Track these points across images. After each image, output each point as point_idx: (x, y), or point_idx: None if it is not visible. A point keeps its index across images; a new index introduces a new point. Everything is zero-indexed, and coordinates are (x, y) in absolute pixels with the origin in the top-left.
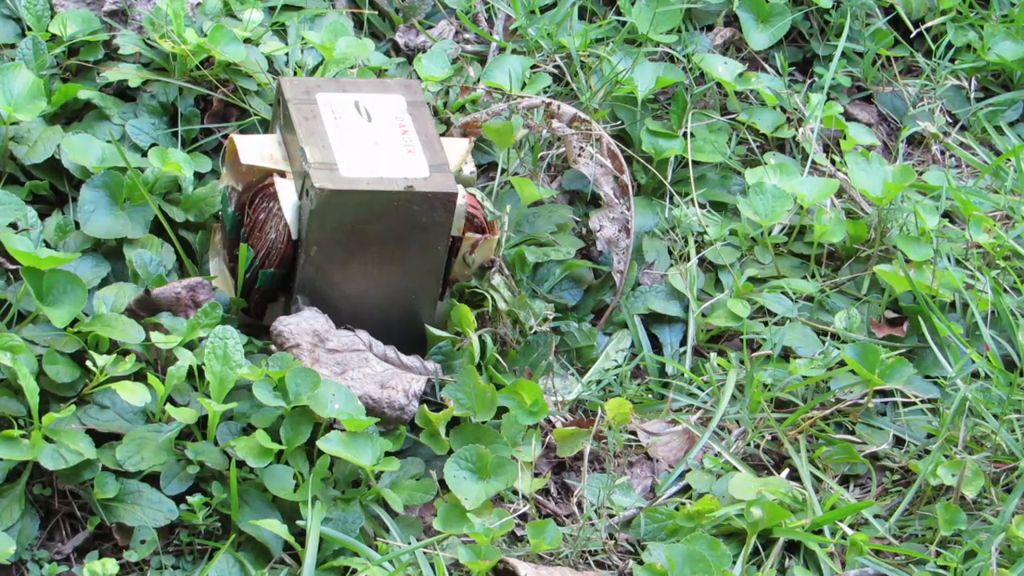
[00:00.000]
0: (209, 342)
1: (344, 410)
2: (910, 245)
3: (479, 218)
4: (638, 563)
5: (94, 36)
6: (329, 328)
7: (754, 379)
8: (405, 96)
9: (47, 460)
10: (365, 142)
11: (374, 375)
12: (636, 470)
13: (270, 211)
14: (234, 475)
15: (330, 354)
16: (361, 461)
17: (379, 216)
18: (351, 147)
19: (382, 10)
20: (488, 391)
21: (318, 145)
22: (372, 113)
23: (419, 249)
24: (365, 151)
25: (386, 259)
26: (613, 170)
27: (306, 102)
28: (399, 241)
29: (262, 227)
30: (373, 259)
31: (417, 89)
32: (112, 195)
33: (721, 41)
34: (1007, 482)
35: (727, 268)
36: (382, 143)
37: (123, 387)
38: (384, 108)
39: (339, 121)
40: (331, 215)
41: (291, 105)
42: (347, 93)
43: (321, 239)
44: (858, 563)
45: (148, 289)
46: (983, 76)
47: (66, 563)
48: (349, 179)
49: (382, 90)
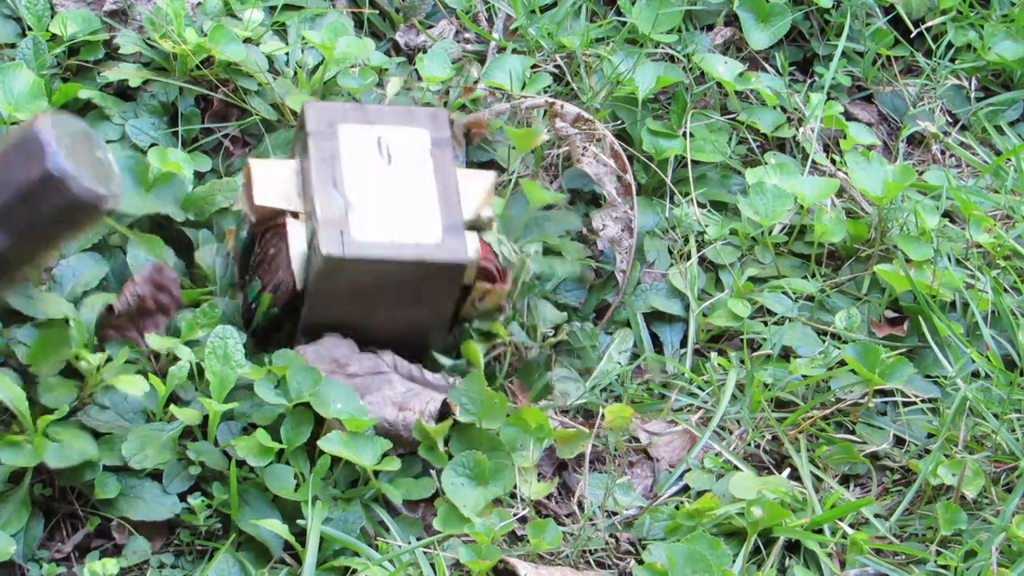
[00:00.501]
0: (210, 342)
1: (345, 410)
2: (910, 245)
3: (491, 269)
4: (638, 563)
5: (94, 36)
6: (351, 353)
7: (754, 379)
8: (430, 131)
9: (52, 458)
10: (380, 194)
11: (393, 397)
12: (636, 470)
13: (280, 250)
14: (234, 475)
15: (349, 379)
16: (362, 461)
17: (385, 280)
18: (365, 201)
19: (382, 10)
20: (496, 398)
21: (330, 196)
22: (393, 153)
23: (426, 305)
24: (378, 207)
25: (392, 314)
26: (616, 170)
27: (327, 136)
28: (406, 299)
29: (271, 263)
30: (379, 314)
31: (443, 123)
32: (138, 178)
33: (721, 41)
34: (1007, 482)
35: (727, 268)
36: (397, 196)
37: (122, 381)
38: (407, 146)
39: (358, 162)
40: (337, 277)
41: (311, 140)
42: (371, 126)
43: (325, 295)
44: (858, 562)
45: (111, 306)
46: (983, 76)
47: (66, 563)
48: (358, 243)
49: (408, 122)
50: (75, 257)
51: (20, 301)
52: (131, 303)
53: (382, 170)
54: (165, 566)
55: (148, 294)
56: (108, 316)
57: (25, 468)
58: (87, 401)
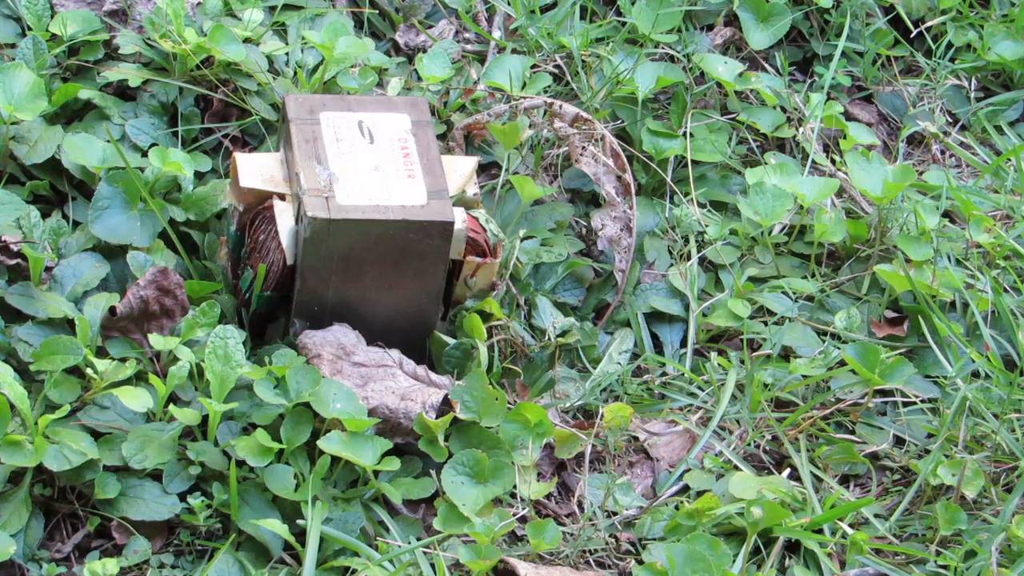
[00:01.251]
0: (210, 341)
1: (345, 410)
2: (910, 245)
3: (480, 242)
4: (638, 563)
5: (94, 36)
6: (358, 343)
7: (754, 379)
8: (410, 115)
9: (51, 461)
10: (365, 166)
11: (396, 388)
12: (636, 470)
13: (269, 233)
14: (234, 475)
15: (354, 367)
16: (362, 461)
17: (374, 244)
18: (349, 172)
19: (382, 10)
20: (497, 396)
21: (315, 170)
22: (375, 134)
23: (416, 275)
24: (363, 177)
25: (383, 284)
26: (616, 169)
27: (309, 122)
28: (396, 267)
29: (261, 249)
30: (370, 285)
31: (423, 107)
32: (128, 194)
33: (721, 41)
34: (1007, 482)
35: (727, 268)
36: (382, 167)
37: (124, 392)
38: (388, 128)
39: (340, 143)
40: (325, 243)
41: (293, 125)
42: (352, 112)
43: (316, 265)
44: (858, 562)
45: (113, 307)
46: (983, 76)
47: (66, 563)
48: (344, 207)
49: (388, 108)
50: (76, 257)
51: (20, 300)
52: (134, 306)
53: (365, 148)
54: (165, 566)
55: (152, 297)
56: (111, 318)
57: (25, 468)
58: (88, 400)
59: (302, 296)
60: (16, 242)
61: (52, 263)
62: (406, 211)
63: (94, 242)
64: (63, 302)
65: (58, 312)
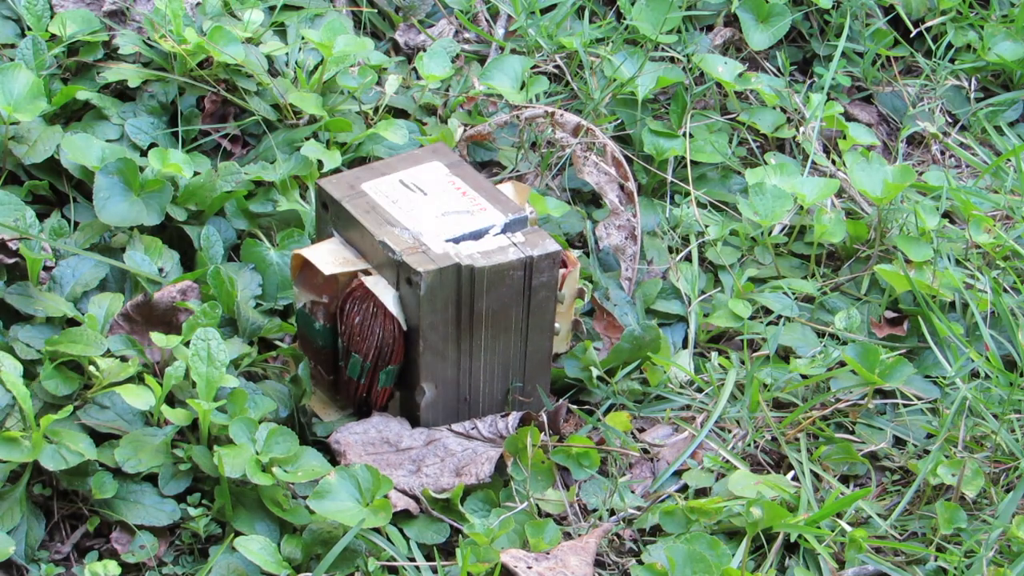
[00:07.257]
0: (192, 344)
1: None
2: (910, 245)
3: None
4: (638, 563)
5: (94, 36)
6: (401, 430)
7: (754, 379)
8: (442, 161)
9: (48, 460)
10: (433, 216)
11: (453, 461)
12: (636, 470)
13: (366, 312)
14: (225, 481)
15: (402, 454)
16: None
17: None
18: (427, 224)
19: (382, 9)
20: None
21: (394, 233)
22: (422, 186)
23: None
24: (442, 224)
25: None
26: (618, 178)
27: (356, 196)
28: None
29: (361, 330)
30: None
31: (448, 150)
32: (127, 181)
33: (721, 41)
34: (1007, 482)
35: (727, 268)
36: (449, 212)
37: (126, 390)
38: (429, 178)
39: (398, 204)
40: (440, 294)
41: (344, 203)
42: (388, 175)
43: (435, 321)
44: (858, 560)
45: (147, 293)
46: (983, 76)
47: (65, 563)
48: (445, 255)
49: (417, 162)
50: (75, 257)
51: (19, 300)
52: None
53: (423, 200)
54: (165, 564)
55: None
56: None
57: (23, 467)
58: (88, 399)
59: (426, 358)
60: (14, 239)
61: (51, 263)
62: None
63: (93, 242)
64: (62, 302)
65: (58, 312)
